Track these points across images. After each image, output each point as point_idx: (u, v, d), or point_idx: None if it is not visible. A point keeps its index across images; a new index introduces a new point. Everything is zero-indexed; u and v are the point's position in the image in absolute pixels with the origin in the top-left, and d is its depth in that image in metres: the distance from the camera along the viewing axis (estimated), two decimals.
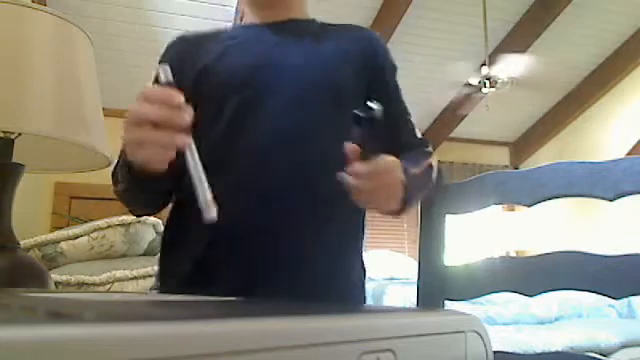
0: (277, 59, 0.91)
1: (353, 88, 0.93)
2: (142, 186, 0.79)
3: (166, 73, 0.65)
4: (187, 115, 0.64)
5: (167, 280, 0.91)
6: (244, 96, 0.87)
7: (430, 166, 0.89)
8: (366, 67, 0.95)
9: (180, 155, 0.66)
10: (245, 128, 0.86)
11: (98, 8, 3.16)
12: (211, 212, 0.64)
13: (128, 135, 0.66)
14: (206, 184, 0.65)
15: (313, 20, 1.02)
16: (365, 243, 0.96)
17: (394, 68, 1.00)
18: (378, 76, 0.97)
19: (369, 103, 0.73)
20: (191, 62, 0.91)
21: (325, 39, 0.96)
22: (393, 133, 0.92)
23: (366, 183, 0.72)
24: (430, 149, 0.99)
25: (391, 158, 0.76)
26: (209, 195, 0.65)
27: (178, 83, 0.72)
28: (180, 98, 0.64)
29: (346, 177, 0.72)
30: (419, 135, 1.00)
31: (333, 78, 0.91)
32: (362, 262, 0.95)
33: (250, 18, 1.00)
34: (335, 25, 1.01)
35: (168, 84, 0.65)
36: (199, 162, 0.66)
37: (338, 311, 0.40)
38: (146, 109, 0.63)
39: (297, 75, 0.90)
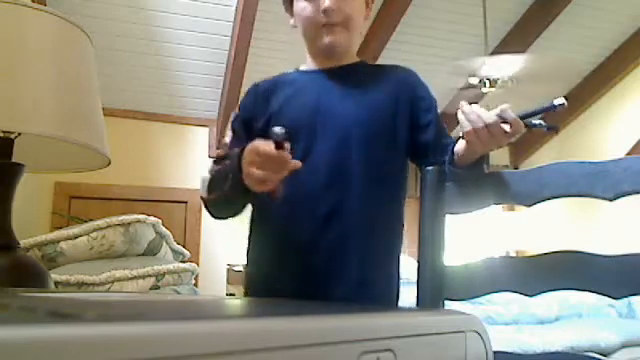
0: (331, 105, 1.07)
1: (394, 124, 1.08)
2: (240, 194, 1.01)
3: (280, 135, 0.83)
4: (286, 172, 0.86)
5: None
6: (306, 144, 1.04)
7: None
8: (409, 102, 1.11)
9: None
10: (300, 171, 0.97)
11: (99, 8, 3.15)
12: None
13: (245, 169, 0.90)
14: None
15: (361, 62, 1.17)
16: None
17: (433, 100, 1.15)
18: (418, 106, 1.12)
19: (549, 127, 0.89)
20: (262, 110, 1.10)
21: (372, 82, 1.12)
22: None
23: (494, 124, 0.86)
24: None
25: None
26: None
27: (252, 126, 1.09)
28: (287, 162, 0.85)
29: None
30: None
31: (378, 118, 1.07)
32: (399, 272, 1.13)
33: (309, 64, 1.16)
34: (378, 66, 1.21)
35: (279, 144, 0.84)
36: None
37: (338, 311, 0.40)
38: (258, 173, 0.87)
39: (347, 118, 1.06)
